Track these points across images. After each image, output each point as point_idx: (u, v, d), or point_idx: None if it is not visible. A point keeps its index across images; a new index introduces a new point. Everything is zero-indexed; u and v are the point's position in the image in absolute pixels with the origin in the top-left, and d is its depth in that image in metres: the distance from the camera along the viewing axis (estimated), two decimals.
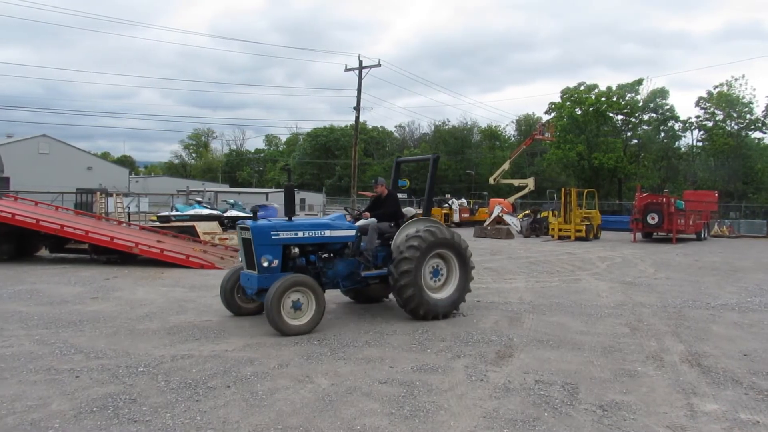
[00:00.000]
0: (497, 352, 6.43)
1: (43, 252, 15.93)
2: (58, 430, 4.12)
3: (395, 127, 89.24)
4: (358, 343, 6.68)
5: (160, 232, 16.80)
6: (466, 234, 28.68)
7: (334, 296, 9.17)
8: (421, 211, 9.07)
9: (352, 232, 8.04)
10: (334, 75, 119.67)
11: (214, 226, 17.93)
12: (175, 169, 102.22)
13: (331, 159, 78.63)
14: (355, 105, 39.33)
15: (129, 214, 26.60)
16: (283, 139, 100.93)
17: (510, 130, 78.99)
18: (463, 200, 40.28)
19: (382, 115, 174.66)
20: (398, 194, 9.30)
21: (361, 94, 39.02)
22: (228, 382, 5.22)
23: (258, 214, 19.23)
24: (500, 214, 28.70)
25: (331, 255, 7.99)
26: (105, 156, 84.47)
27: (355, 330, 7.36)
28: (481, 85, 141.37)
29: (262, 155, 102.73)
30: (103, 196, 26.50)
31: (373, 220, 8.40)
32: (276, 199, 43.94)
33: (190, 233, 17.06)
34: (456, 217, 36.98)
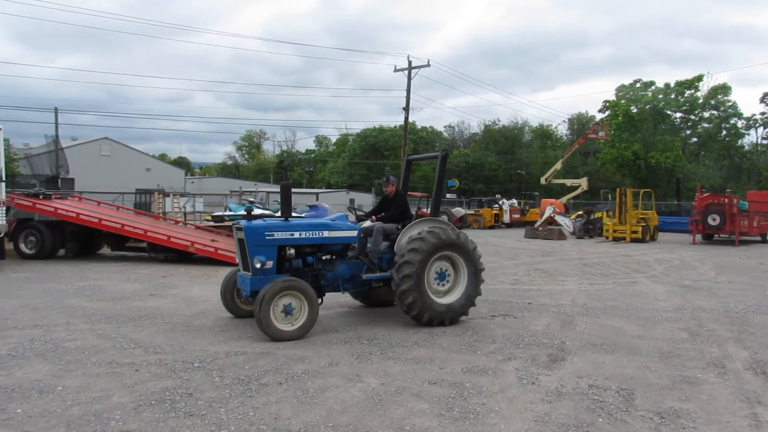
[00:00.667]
0: (549, 355, 6.32)
1: (105, 250, 16.60)
2: (119, 422, 4.28)
3: (444, 127, 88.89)
4: (408, 343, 6.68)
5: (215, 231, 17.23)
6: (516, 235, 28.35)
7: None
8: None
9: (354, 233, 7.73)
10: (383, 76, 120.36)
11: None
12: (228, 170, 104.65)
13: (380, 159, 78.89)
14: (404, 105, 39.32)
15: (185, 213, 27.42)
16: (333, 139, 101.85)
17: (562, 130, 77.44)
18: (514, 200, 39.75)
19: (431, 115, 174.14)
20: (407, 193, 8.97)
21: (410, 94, 38.95)
22: (280, 379, 5.31)
23: (307, 214, 19.48)
24: (552, 215, 28.16)
25: (332, 257, 7.70)
26: (162, 157, 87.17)
27: (404, 330, 7.37)
28: (533, 84, 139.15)
29: (312, 156, 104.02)
30: (161, 196, 27.37)
31: (378, 223, 8.02)
32: (326, 199, 44.44)
33: None
34: (506, 218, 36.55)
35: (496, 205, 37.14)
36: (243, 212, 19.30)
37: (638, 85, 52.66)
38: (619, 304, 9.53)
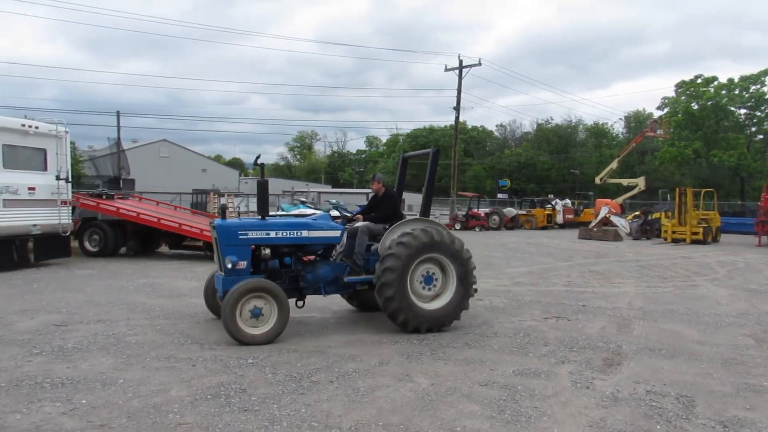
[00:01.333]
0: (604, 359, 6.15)
1: (164, 248, 17.17)
2: (177, 415, 4.42)
3: (496, 126, 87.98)
4: (458, 344, 6.64)
5: None
6: (569, 235, 27.75)
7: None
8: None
9: (336, 233, 7.37)
10: (434, 76, 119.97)
11: None
12: (280, 171, 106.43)
13: None
14: (455, 105, 39.07)
15: (239, 213, 28.02)
16: (384, 140, 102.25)
17: (618, 128, 75.42)
18: (567, 201, 38.96)
19: (482, 114, 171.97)
20: (395, 192, 8.47)
21: (461, 93, 38.67)
22: (331, 377, 5.36)
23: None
24: (607, 215, 27.44)
25: (315, 258, 7.46)
26: (218, 158, 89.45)
27: (454, 331, 7.32)
28: (587, 81, 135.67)
29: (363, 156, 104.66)
30: (216, 196, 28.11)
31: (364, 223, 7.72)
32: None
33: None
34: (559, 218, 35.86)
35: (549, 206, 36.48)
36: (295, 212, 19.61)
37: (699, 81, 50.65)
38: (679, 307, 9.20)
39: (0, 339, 6.67)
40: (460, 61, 37.99)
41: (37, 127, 13.51)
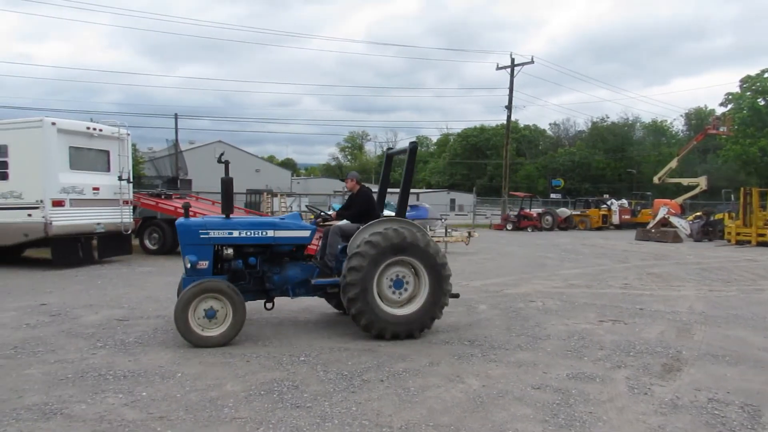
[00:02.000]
0: (663, 364, 5.95)
1: None
2: (232, 409, 4.53)
3: (549, 125, 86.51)
4: (510, 346, 6.55)
5: (319, 230, 17.75)
6: (626, 236, 26.96)
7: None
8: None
9: (305, 233, 7.13)
10: (485, 75, 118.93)
11: None
12: (332, 171, 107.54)
13: (481, 159, 77.89)
14: (506, 104, 38.57)
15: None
16: (434, 139, 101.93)
17: (678, 125, 72.83)
18: (624, 201, 37.89)
19: (535, 113, 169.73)
20: (372, 190, 8.12)
21: (513, 92, 38.15)
22: (381, 377, 5.38)
23: (408, 215, 19.46)
24: (666, 216, 26.54)
25: (286, 258, 7.24)
26: (270, 159, 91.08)
27: (506, 332, 7.23)
28: (645, 78, 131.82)
29: None
30: (269, 196, 28.65)
31: (338, 223, 7.49)
32: (427, 199, 44.53)
33: None
34: (615, 219, 34.95)
35: (604, 206, 35.57)
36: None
37: (766, 75, 48.33)
38: (744, 312, 8.80)
39: (68, 332, 7.00)
40: (512, 60, 37.50)
41: (101, 130, 14.10)
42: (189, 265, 6.65)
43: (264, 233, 6.93)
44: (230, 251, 6.89)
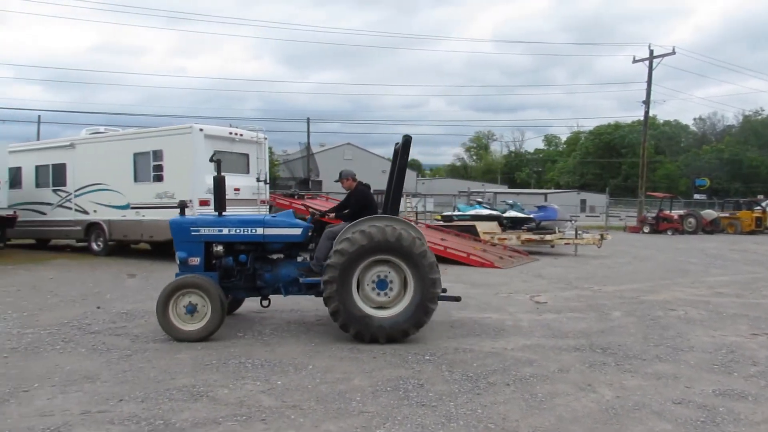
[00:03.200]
0: None
1: None
2: (360, 403, 4.66)
3: (693, 120, 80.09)
4: (647, 356, 6.15)
5: (444, 230, 17.80)
6: None
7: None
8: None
9: (296, 231, 7.04)
10: (620, 69, 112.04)
11: (493, 226, 18.33)
12: (456, 171, 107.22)
13: (615, 157, 73.83)
14: (643, 99, 36.22)
15: (416, 213, 28.77)
16: (563, 138, 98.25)
17: None
18: None
19: (676, 107, 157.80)
20: (369, 188, 7.83)
21: (651, 86, 35.74)
22: (507, 380, 5.28)
23: (536, 216, 18.89)
24: None
25: (281, 256, 7.22)
26: None
27: (642, 341, 6.80)
28: None
29: (540, 155, 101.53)
30: None
31: (331, 228, 7.22)
32: (556, 200, 42.98)
33: (471, 232, 17.73)
34: None
35: (758, 207, 32.25)
36: (471, 212, 19.64)
37: None
38: None
39: None
40: (651, 51, 35.19)
41: (241, 135, 15.16)
42: (179, 262, 6.91)
43: (253, 231, 6.98)
44: (220, 248, 7.01)
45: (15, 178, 16.93)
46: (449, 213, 21.30)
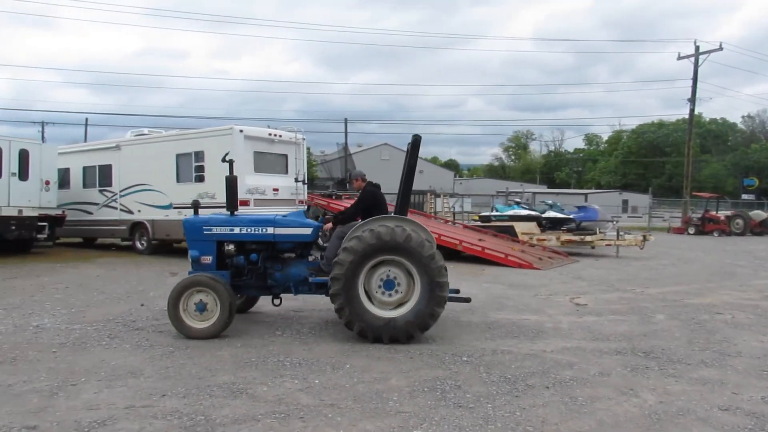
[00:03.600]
0: None
1: None
2: (397, 403, 4.66)
3: (741, 117, 77.45)
4: (692, 361, 5.98)
5: (482, 231, 17.67)
6: None
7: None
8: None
9: (307, 231, 7.11)
10: (664, 66, 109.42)
11: (532, 226, 18.11)
12: (494, 171, 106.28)
13: (659, 157, 71.99)
14: (689, 96, 35.24)
15: (454, 213, 28.65)
16: (605, 137, 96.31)
17: None
18: None
19: (723, 105, 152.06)
20: (377, 188, 7.79)
21: (697, 83, 34.75)
22: (546, 383, 5.21)
23: (576, 216, 18.58)
24: None
25: (293, 255, 7.25)
26: (433, 160, 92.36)
27: (687, 346, 6.61)
28: None
29: (581, 155, 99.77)
30: (432, 196, 29.08)
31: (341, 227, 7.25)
32: (596, 200, 42.20)
33: (509, 233, 17.55)
34: None
35: None
36: (509, 213, 19.43)
37: None
38: None
39: (252, 320, 7.73)
40: (696, 47, 34.24)
41: (280, 136, 15.35)
42: (193, 260, 7.04)
43: (264, 230, 7.04)
44: (231, 247, 7.09)
45: (63, 179, 17.52)
46: (487, 213, 21.12)
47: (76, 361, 5.76)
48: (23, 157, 15.33)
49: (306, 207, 16.10)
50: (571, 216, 19.68)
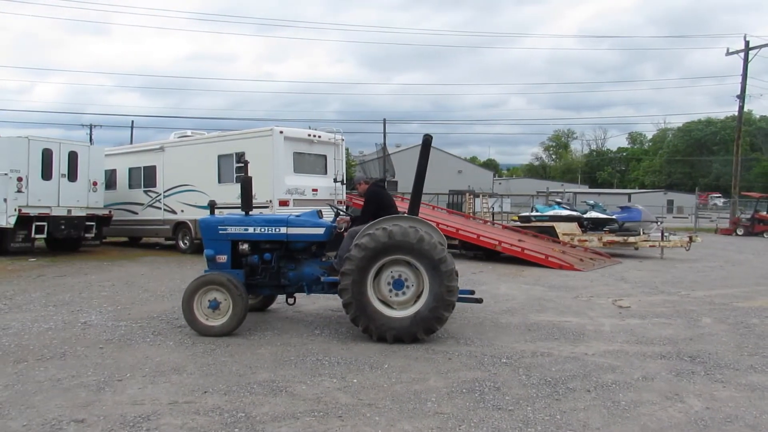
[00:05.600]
0: None
1: None
2: (435, 404, 4.65)
3: None
4: (741, 366, 5.78)
5: (521, 231, 17.46)
6: None
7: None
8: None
9: (319, 231, 7.15)
10: (713, 63, 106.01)
11: (573, 227, 17.80)
12: (534, 171, 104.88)
13: (706, 155, 69.83)
14: (738, 93, 34.08)
15: (493, 213, 28.39)
16: (649, 136, 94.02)
17: None
18: None
19: None
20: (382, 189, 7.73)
21: (747, 79, 33.58)
22: (588, 387, 5.11)
23: (618, 217, 18.28)
24: None
25: (307, 255, 7.30)
26: (473, 160, 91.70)
27: (735, 350, 6.40)
28: None
29: (624, 154, 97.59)
30: (471, 196, 28.88)
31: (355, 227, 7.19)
32: (640, 200, 41.18)
33: (550, 233, 17.29)
34: None
35: None
36: (550, 213, 19.14)
37: None
38: None
39: (291, 319, 7.81)
40: (746, 42, 33.16)
41: (319, 136, 15.50)
42: (208, 259, 7.15)
43: (277, 230, 7.10)
44: (245, 247, 7.15)
45: (110, 180, 18.06)
46: (527, 213, 20.84)
47: (122, 357, 5.92)
48: (72, 158, 15.88)
49: (345, 207, 16.23)
50: (613, 216, 19.26)
